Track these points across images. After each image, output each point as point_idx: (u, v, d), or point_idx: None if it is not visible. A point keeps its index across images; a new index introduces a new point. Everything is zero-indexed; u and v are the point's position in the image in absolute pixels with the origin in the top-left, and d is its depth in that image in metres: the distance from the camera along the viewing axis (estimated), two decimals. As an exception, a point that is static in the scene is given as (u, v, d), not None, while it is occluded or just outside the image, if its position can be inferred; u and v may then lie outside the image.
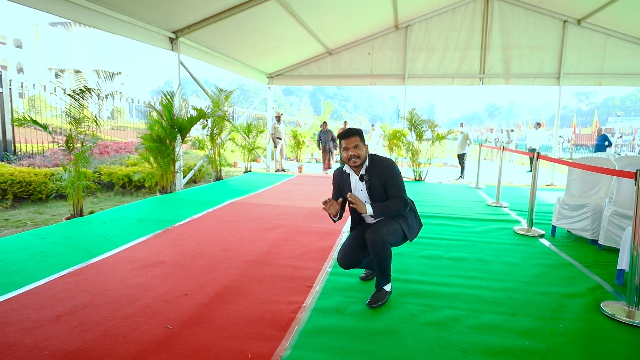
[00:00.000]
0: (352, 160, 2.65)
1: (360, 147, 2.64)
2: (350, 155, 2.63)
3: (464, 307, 2.69)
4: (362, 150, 2.65)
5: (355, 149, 2.63)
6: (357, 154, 2.63)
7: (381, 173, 2.68)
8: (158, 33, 6.91)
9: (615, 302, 2.76)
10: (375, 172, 2.68)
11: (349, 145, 2.63)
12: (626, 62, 9.55)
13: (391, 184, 2.67)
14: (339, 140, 2.70)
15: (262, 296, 2.78)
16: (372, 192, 2.70)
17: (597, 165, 4.33)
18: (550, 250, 4.06)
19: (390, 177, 2.68)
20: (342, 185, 2.84)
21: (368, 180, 2.69)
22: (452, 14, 10.17)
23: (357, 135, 2.65)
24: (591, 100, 63.96)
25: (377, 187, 2.69)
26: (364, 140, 2.68)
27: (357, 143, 2.63)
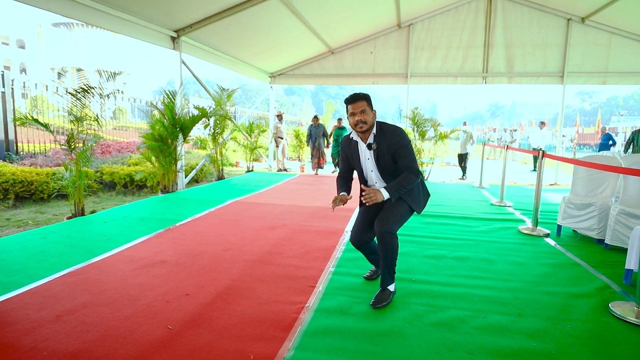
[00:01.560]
0: (358, 126, 2.54)
1: (367, 112, 2.54)
2: (356, 121, 2.53)
3: (469, 308, 2.65)
4: (369, 116, 2.54)
5: (362, 114, 2.52)
6: (363, 119, 2.52)
7: (390, 142, 2.57)
8: (160, 32, 6.89)
9: (624, 303, 2.71)
10: (384, 141, 2.58)
11: (356, 110, 2.52)
12: (631, 61, 9.47)
13: (401, 153, 2.56)
14: (346, 106, 2.58)
15: (265, 296, 2.74)
16: (380, 161, 2.60)
17: (603, 162, 4.28)
18: (556, 249, 4.01)
19: (400, 146, 2.56)
20: (350, 154, 2.75)
21: (376, 149, 2.59)
22: (455, 12, 10.11)
23: (364, 99, 2.54)
24: (594, 100, 63.69)
25: (385, 156, 2.58)
26: (371, 105, 2.58)
27: (364, 108, 2.52)
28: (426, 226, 4.79)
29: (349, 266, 3.39)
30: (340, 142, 10.88)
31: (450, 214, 5.47)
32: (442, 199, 6.78)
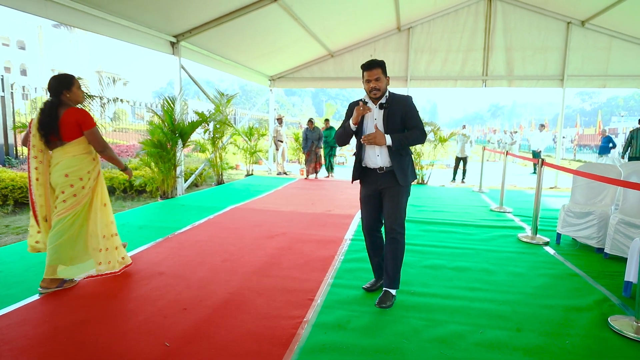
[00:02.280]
0: (372, 92, 2.71)
1: (382, 79, 2.70)
2: (371, 87, 2.70)
3: (468, 322, 2.64)
4: (383, 83, 2.71)
5: (377, 81, 2.68)
6: (378, 86, 2.69)
7: (402, 105, 2.75)
8: (159, 37, 6.88)
9: (623, 317, 2.70)
10: (396, 104, 2.75)
11: (371, 77, 2.68)
12: (631, 64, 9.46)
13: (411, 115, 2.75)
14: (362, 75, 2.74)
15: (263, 310, 2.74)
16: (389, 120, 2.73)
17: (603, 172, 4.28)
18: (555, 259, 4.00)
19: (410, 109, 2.76)
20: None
21: (387, 108, 2.73)
22: (455, 15, 10.10)
23: (380, 67, 2.68)
24: (594, 100, 63.64)
25: (395, 116, 2.73)
26: (386, 72, 2.73)
27: (379, 76, 2.68)
28: (426, 234, 4.78)
29: (348, 277, 3.38)
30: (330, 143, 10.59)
31: (450, 221, 5.46)
32: (442, 204, 6.77)
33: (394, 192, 2.78)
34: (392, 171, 2.77)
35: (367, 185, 2.89)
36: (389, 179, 2.78)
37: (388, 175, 2.78)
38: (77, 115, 2.95)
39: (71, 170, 2.98)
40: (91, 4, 5.33)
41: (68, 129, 2.94)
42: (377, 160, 2.79)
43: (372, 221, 2.93)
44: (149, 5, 5.88)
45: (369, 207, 2.91)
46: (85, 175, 3.05)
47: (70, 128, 2.94)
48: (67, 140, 2.97)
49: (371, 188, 2.86)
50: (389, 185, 2.79)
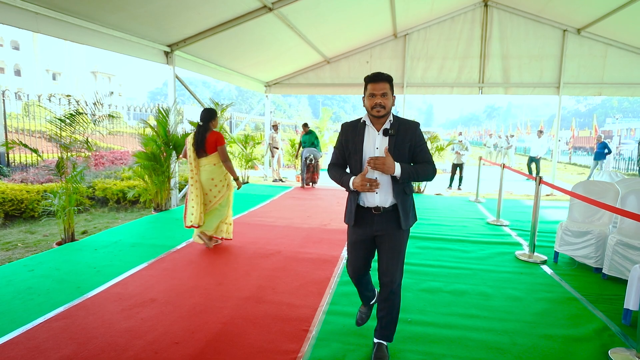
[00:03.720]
0: (375, 109, 2.23)
1: (389, 96, 2.25)
2: (375, 103, 2.22)
3: (466, 356, 2.58)
4: (389, 100, 2.25)
5: (383, 97, 2.22)
6: (383, 103, 2.22)
7: (411, 133, 2.31)
8: (153, 47, 6.79)
9: (623, 350, 2.65)
10: (405, 130, 2.30)
11: (377, 91, 2.22)
12: (626, 72, 9.47)
13: (423, 148, 2.34)
14: (364, 88, 2.30)
15: (256, 344, 2.67)
16: (396, 151, 2.27)
17: (601, 191, 4.25)
18: (553, 280, 3.95)
19: (421, 140, 2.34)
20: (352, 139, 2.36)
21: (394, 136, 2.28)
22: (451, 22, 10.07)
23: (388, 81, 2.25)
24: (589, 102, 64.01)
25: (403, 146, 2.28)
26: (393, 89, 2.30)
27: (386, 91, 2.23)
28: (423, 252, 4.73)
29: (344, 303, 3.32)
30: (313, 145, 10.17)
31: (446, 237, 5.41)
32: (438, 216, 6.73)
33: (394, 238, 2.35)
34: (391, 212, 2.32)
35: (359, 229, 2.40)
36: (388, 221, 2.33)
37: (386, 217, 2.33)
38: (215, 136, 4.44)
39: (214, 175, 4.52)
40: (84, 17, 5.24)
41: (210, 145, 4.43)
42: (375, 197, 2.31)
43: (362, 266, 2.52)
44: (143, 16, 5.79)
45: (360, 253, 2.47)
46: (223, 179, 4.61)
47: (211, 144, 4.43)
48: (209, 153, 4.47)
49: (364, 233, 2.39)
50: (387, 230, 2.34)
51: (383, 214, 2.33)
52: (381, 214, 2.33)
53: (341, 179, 2.36)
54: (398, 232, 2.35)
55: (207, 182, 4.50)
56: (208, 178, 4.49)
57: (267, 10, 6.74)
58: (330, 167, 2.47)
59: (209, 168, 4.48)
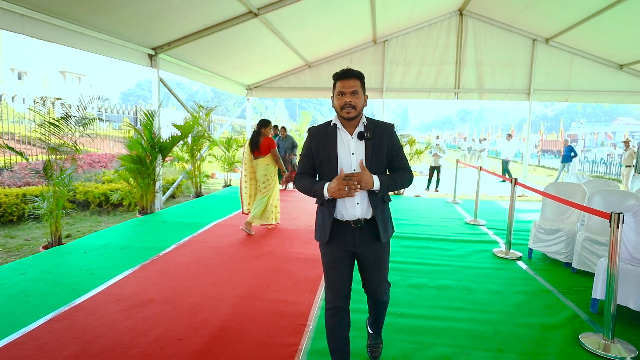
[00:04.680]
0: (345, 110, 2.01)
1: (360, 95, 2.03)
2: (344, 103, 2.00)
3: (453, 344, 2.80)
4: (360, 100, 2.03)
5: (353, 95, 2.00)
6: (354, 102, 2.00)
7: (388, 135, 2.12)
8: (137, 50, 6.79)
9: (592, 334, 2.93)
10: (380, 133, 2.11)
11: (346, 89, 2.00)
12: (590, 80, 10.07)
13: (399, 153, 2.17)
14: (333, 82, 2.09)
15: (258, 338, 2.80)
16: (374, 156, 2.08)
17: (570, 191, 4.59)
18: (528, 274, 4.25)
19: (397, 143, 2.16)
20: (323, 146, 2.11)
21: (370, 139, 2.07)
22: (429, 30, 10.44)
23: (358, 79, 2.03)
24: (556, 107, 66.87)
25: (381, 150, 2.10)
26: (364, 87, 2.08)
27: (357, 89, 2.01)
28: (407, 250, 4.97)
29: (337, 299, 3.48)
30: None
31: (428, 236, 5.67)
32: (419, 217, 7.00)
33: (377, 252, 2.16)
34: (371, 225, 2.11)
35: (336, 245, 2.13)
36: (367, 235, 2.11)
37: (366, 230, 2.11)
38: (268, 142, 5.59)
39: (266, 172, 5.66)
40: (70, 19, 5.23)
41: (263, 148, 5.58)
42: (356, 209, 2.07)
43: (347, 288, 2.18)
44: (130, 19, 5.81)
45: (343, 271, 2.15)
46: (272, 176, 5.72)
47: (264, 148, 5.58)
48: (264, 155, 5.62)
49: (342, 249, 2.13)
50: (369, 245, 2.13)
51: (364, 226, 2.11)
52: (362, 227, 2.11)
53: (312, 188, 2.08)
54: (380, 245, 2.16)
55: (261, 177, 5.68)
56: (262, 174, 5.66)
57: (252, 16, 6.86)
58: (298, 177, 2.20)
59: (264, 166, 5.63)
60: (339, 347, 2.18)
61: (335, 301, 2.14)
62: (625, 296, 3.17)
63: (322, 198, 2.07)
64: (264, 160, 5.61)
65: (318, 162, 2.14)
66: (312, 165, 2.18)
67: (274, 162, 5.66)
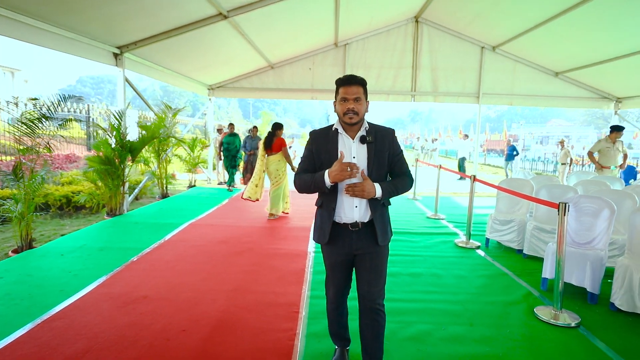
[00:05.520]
0: (347, 116, 2.06)
1: (362, 101, 2.09)
2: (347, 109, 2.05)
3: (432, 321, 3.17)
4: (362, 106, 2.09)
5: (356, 102, 2.06)
6: (356, 109, 2.06)
7: (389, 140, 2.18)
8: (102, 49, 6.66)
9: (544, 307, 3.43)
10: (382, 137, 2.16)
11: (349, 95, 2.05)
12: (531, 86, 11.08)
13: (400, 157, 2.22)
14: (335, 91, 2.13)
15: (257, 325, 3.01)
16: (376, 161, 2.13)
17: (520, 186, 5.17)
18: (487, 261, 4.77)
19: (398, 148, 2.21)
20: (324, 149, 2.18)
21: (372, 143, 2.13)
22: (387, 35, 10.97)
23: (361, 85, 2.09)
24: (498, 109, 71.55)
25: (383, 155, 2.15)
26: (367, 94, 2.15)
27: (360, 95, 2.07)
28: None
29: (322, 288, 3.71)
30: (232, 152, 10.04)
31: (395, 230, 6.09)
32: (384, 212, 7.44)
33: (375, 256, 2.21)
34: (369, 228, 2.16)
35: (336, 248, 2.21)
36: (366, 238, 2.17)
37: (364, 233, 2.16)
38: (280, 141, 6.57)
39: (278, 167, 6.60)
40: (35, 16, 5.09)
41: (276, 147, 6.54)
42: (354, 212, 2.14)
43: (346, 285, 2.37)
44: (95, 17, 5.70)
45: (342, 274, 2.30)
46: (283, 170, 6.67)
47: (277, 146, 6.54)
48: (275, 152, 6.58)
49: (342, 252, 2.21)
50: (367, 248, 2.18)
51: (361, 230, 2.16)
52: (359, 230, 2.16)
53: (314, 181, 2.11)
54: (379, 249, 2.20)
55: (274, 171, 6.58)
56: (274, 169, 6.58)
57: (222, 18, 6.97)
58: (298, 175, 2.24)
59: (275, 162, 6.58)
60: (340, 332, 2.52)
61: (336, 299, 2.41)
62: (568, 274, 3.72)
63: (324, 186, 2.08)
64: (275, 157, 6.56)
65: (319, 165, 2.19)
66: (312, 168, 2.22)
67: (284, 159, 6.61)
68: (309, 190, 2.16)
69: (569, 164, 12.60)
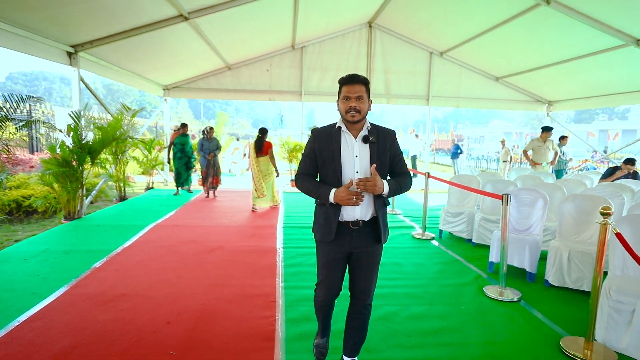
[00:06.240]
0: (350, 114, 2.10)
1: (364, 100, 2.13)
2: (350, 107, 2.09)
3: (397, 303, 3.53)
4: (365, 105, 2.13)
5: (359, 100, 2.10)
6: (359, 107, 2.09)
7: (391, 141, 2.22)
8: (56, 47, 6.45)
9: (491, 286, 3.91)
10: (384, 138, 2.21)
11: (352, 94, 2.09)
12: (475, 89, 11.97)
13: (400, 158, 2.27)
14: (338, 90, 2.19)
15: (238, 315, 3.21)
16: (380, 160, 2.17)
17: (468, 181, 5.71)
18: (441, 250, 5.25)
19: (399, 150, 2.27)
20: (326, 147, 2.19)
21: (375, 143, 2.16)
22: (342, 39, 11.39)
23: (364, 84, 2.13)
24: (444, 110, 75.20)
25: (385, 155, 2.19)
26: (369, 93, 2.18)
27: (362, 94, 2.11)
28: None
29: (295, 280, 4.02)
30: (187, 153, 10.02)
31: (357, 224, 6.46)
32: (345, 209, 7.81)
33: (372, 254, 2.26)
34: (370, 226, 2.20)
35: (336, 246, 2.22)
36: (365, 236, 2.20)
37: (363, 232, 2.19)
38: (268, 144, 7.50)
39: (267, 167, 7.56)
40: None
41: (265, 149, 7.45)
42: (356, 211, 2.16)
43: (339, 287, 2.36)
44: (48, 15, 5.52)
45: (337, 272, 2.29)
46: (272, 169, 7.62)
47: (265, 149, 7.45)
48: (265, 154, 7.48)
49: (341, 250, 2.22)
50: (366, 247, 2.22)
51: (361, 228, 2.19)
52: (359, 228, 2.19)
53: (317, 192, 2.16)
54: (376, 247, 2.26)
55: (264, 170, 7.55)
56: (265, 168, 7.55)
57: (183, 19, 6.99)
58: (299, 176, 2.27)
59: (265, 162, 7.54)
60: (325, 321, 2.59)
61: (328, 298, 2.35)
62: (510, 257, 4.25)
63: (326, 202, 2.14)
64: (265, 158, 7.50)
65: (321, 163, 2.21)
66: (314, 166, 2.24)
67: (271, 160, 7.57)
68: (310, 196, 2.22)
69: (509, 161, 13.71)
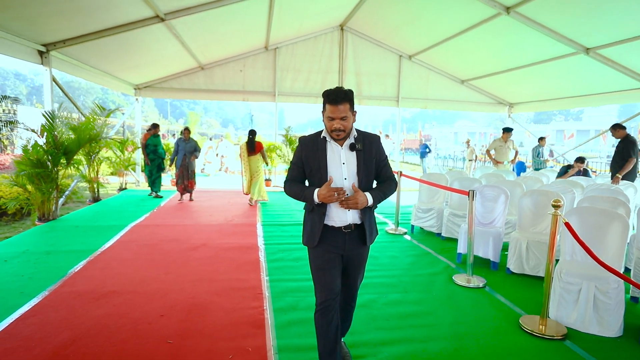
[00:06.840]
0: (335, 133, 2.14)
1: (349, 119, 2.13)
2: (334, 128, 2.12)
3: (375, 292, 3.83)
4: (349, 122, 2.14)
5: (343, 121, 2.11)
6: (343, 127, 2.12)
7: (376, 147, 2.26)
8: (27, 46, 6.35)
9: (460, 275, 4.28)
10: (370, 144, 2.24)
11: (336, 115, 2.09)
12: (442, 91, 12.53)
13: (386, 163, 2.32)
14: (322, 104, 2.18)
15: (228, 306, 3.40)
16: (366, 167, 2.21)
17: (437, 179, 6.10)
18: (413, 243, 5.61)
19: (384, 155, 2.31)
20: (312, 155, 2.23)
21: (361, 150, 2.20)
22: (315, 41, 11.65)
23: (348, 101, 2.11)
24: (412, 110, 77.12)
25: (371, 162, 2.23)
26: (353, 107, 2.16)
27: (346, 114, 2.10)
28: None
29: (279, 274, 4.24)
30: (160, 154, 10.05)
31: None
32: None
33: (361, 256, 2.36)
34: (360, 229, 2.25)
35: (327, 249, 2.25)
36: (356, 239, 2.26)
37: (355, 235, 2.25)
38: (259, 144, 8.27)
39: (258, 165, 8.26)
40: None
41: (257, 149, 8.19)
42: (347, 215, 2.21)
43: (335, 290, 2.26)
44: (19, 13, 5.45)
45: (331, 273, 2.25)
46: (261, 167, 8.36)
47: (257, 148, 8.19)
48: (256, 153, 8.21)
49: (333, 253, 2.25)
50: (355, 249, 2.29)
51: (353, 231, 2.24)
52: (351, 232, 2.24)
53: (303, 194, 2.21)
54: (364, 249, 2.34)
55: (255, 168, 8.21)
56: (256, 166, 8.22)
57: (158, 20, 7.04)
58: (288, 183, 2.33)
59: (256, 161, 8.22)
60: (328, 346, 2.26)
61: (327, 299, 2.24)
62: (476, 248, 4.64)
63: (312, 203, 2.19)
64: (256, 157, 8.19)
65: (309, 172, 2.26)
66: (302, 174, 2.29)
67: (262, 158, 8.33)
68: (298, 199, 2.27)
69: (474, 160, 14.41)
